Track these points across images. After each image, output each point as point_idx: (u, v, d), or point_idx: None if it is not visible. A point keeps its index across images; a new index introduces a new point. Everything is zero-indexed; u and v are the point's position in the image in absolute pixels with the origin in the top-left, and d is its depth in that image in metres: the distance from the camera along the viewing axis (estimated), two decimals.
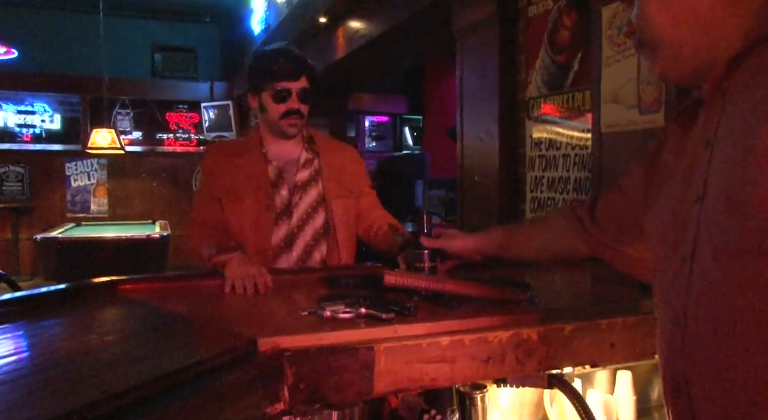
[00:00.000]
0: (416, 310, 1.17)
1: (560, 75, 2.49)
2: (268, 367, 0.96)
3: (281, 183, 1.87)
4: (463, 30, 3.07)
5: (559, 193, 2.50)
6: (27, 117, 8.39)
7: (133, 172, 8.76)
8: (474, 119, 3.01)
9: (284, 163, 1.90)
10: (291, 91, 1.82)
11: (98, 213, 8.51)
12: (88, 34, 7.62)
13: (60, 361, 0.93)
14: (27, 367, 0.93)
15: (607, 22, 2.13)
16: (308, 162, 1.91)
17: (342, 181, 1.90)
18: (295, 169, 1.90)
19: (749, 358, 0.67)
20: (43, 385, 0.83)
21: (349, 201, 1.91)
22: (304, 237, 1.86)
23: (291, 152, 1.91)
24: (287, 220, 1.85)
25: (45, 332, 1.14)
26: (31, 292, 1.29)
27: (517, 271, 1.72)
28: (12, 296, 1.27)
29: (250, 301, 1.44)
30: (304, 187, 1.89)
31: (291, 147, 1.91)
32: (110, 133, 6.32)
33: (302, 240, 1.86)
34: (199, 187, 1.99)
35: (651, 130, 1.95)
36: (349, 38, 4.72)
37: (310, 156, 1.92)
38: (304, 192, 1.88)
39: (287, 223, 1.85)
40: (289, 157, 1.91)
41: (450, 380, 1.09)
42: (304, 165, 1.91)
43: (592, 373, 1.60)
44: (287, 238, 1.85)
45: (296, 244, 1.86)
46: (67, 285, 1.37)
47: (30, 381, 0.84)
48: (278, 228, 1.85)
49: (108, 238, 5.84)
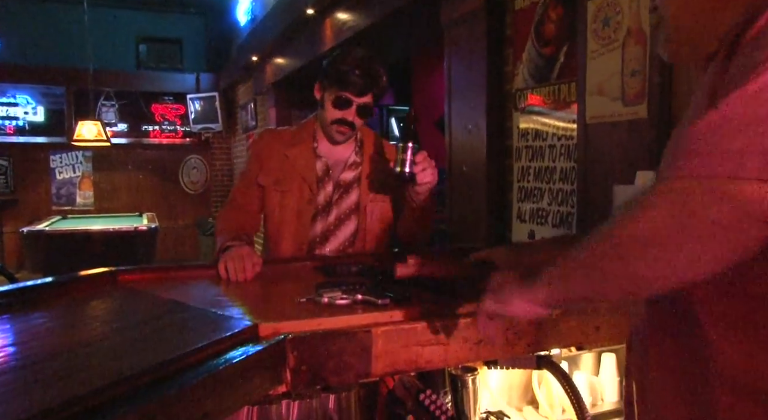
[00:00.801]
0: (410, 297, 1.22)
1: (546, 67, 2.54)
2: (271, 351, 1.00)
3: (327, 180, 1.91)
4: (451, 22, 3.10)
5: (545, 183, 2.56)
6: (10, 109, 8.31)
7: (119, 165, 8.72)
8: (462, 111, 3.05)
9: (333, 161, 1.92)
10: (352, 103, 1.82)
11: (84, 206, 8.47)
12: (73, 25, 7.55)
13: (63, 350, 0.97)
14: (34, 355, 0.96)
15: (592, 16, 2.18)
16: (355, 165, 1.93)
17: (382, 187, 1.90)
18: (342, 168, 1.92)
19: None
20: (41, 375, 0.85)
21: (385, 206, 1.92)
22: (339, 236, 1.90)
23: (341, 152, 1.93)
24: (326, 217, 1.90)
25: (46, 323, 1.17)
26: (32, 282, 1.32)
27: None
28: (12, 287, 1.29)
29: (251, 289, 1.48)
30: (346, 187, 1.92)
31: (342, 147, 1.93)
32: (96, 126, 6.29)
33: (336, 239, 1.90)
34: (246, 169, 1.99)
35: (634, 121, 2.00)
36: (336, 30, 4.74)
37: (358, 159, 1.94)
38: (345, 192, 1.91)
39: (325, 220, 1.90)
40: (338, 156, 1.93)
41: (444, 362, 1.14)
42: (350, 166, 1.93)
43: (578, 356, 1.66)
44: (323, 233, 1.90)
45: (330, 241, 1.90)
46: (68, 276, 1.39)
47: (37, 369, 0.88)
48: (316, 223, 1.89)
49: (95, 230, 5.83)
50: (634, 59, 2.00)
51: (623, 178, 2.00)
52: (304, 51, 5.51)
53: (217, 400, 0.89)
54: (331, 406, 1.29)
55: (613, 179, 2.04)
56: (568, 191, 2.42)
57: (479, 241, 2.87)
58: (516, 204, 2.77)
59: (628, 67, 2.03)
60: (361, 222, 1.89)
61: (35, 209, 8.14)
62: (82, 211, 8.27)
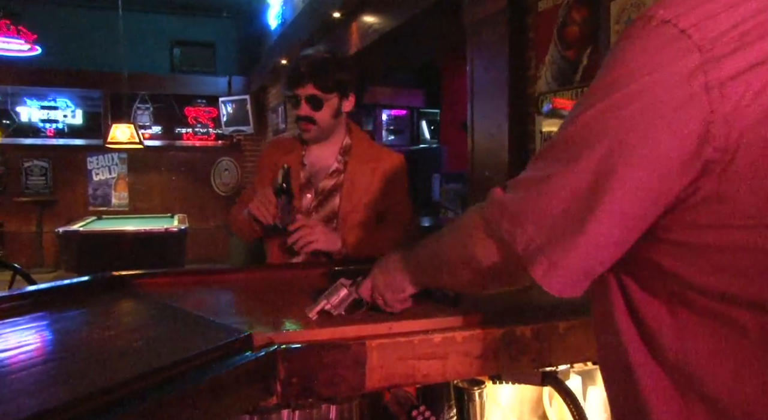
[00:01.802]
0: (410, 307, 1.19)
1: (570, 70, 2.48)
2: (261, 361, 0.98)
3: (308, 188, 1.92)
4: (473, 25, 3.06)
5: None
6: (50, 112, 8.57)
7: (152, 166, 8.89)
8: (484, 114, 3.00)
9: (317, 169, 1.93)
10: (299, 98, 1.83)
11: (119, 206, 8.67)
12: (109, 30, 7.74)
13: (62, 354, 0.97)
14: (28, 359, 0.96)
15: (615, 16, 2.12)
16: (336, 172, 1.92)
17: (364, 195, 1.89)
18: (323, 176, 1.92)
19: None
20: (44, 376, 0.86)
21: (367, 214, 1.90)
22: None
23: (325, 159, 1.94)
24: None
25: (51, 325, 1.17)
26: (36, 287, 1.33)
27: None
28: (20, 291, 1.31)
29: (255, 297, 1.47)
30: (326, 195, 1.92)
31: (326, 154, 1.93)
32: (129, 128, 6.42)
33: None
34: (255, 176, 2.15)
35: None
36: (362, 33, 4.73)
37: (339, 166, 1.93)
38: (325, 200, 1.91)
39: None
40: (321, 163, 1.94)
41: (442, 376, 1.10)
42: (331, 174, 1.92)
43: (594, 370, 1.60)
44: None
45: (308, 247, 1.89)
46: (73, 280, 1.40)
47: (30, 373, 0.88)
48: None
49: (127, 231, 5.94)
50: None
51: None
52: None
53: (202, 411, 0.87)
54: (332, 416, 1.27)
55: None
56: None
57: None
58: None
59: None
60: (340, 230, 1.87)
61: (73, 210, 8.36)
62: (117, 212, 8.46)
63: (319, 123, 1.85)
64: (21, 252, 8.08)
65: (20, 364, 0.93)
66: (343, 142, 1.94)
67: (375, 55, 5.15)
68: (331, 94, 1.83)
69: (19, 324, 1.15)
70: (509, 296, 1.46)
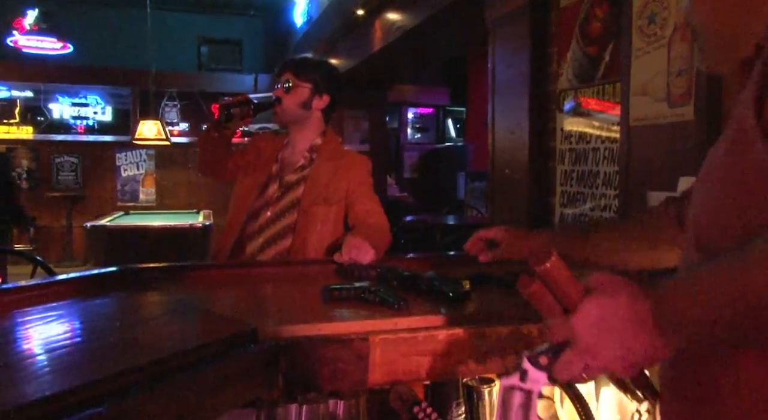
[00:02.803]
0: (408, 304, 1.18)
1: (591, 67, 2.43)
2: (264, 355, 0.99)
3: (274, 181, 2.04)
4: (495, 21, 3.03)
5: (588, 188, 2.46)
6: (81, 109, 8.73)
7: (179, 163, 9.01)
8: (505, 112, 2.97)
9: (286, 164, 2.07)
10: (277, 84, 2.03)
11: (147, 202, 8.80)
12: (137, 29, 7.85)
13: (71, 344, 0.98)
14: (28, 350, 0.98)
15: (637, 12, 2.07)
16: (301, 168, 2.04)
17: (324, 189, 1.99)
18: (290, 171, 2.05)
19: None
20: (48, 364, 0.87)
21: (327, 209, 1.99)
22: (270, 231, 1.99)
23: (295, 156, 2.07)
24: (265, 213, 2.01)
25: (63, 317, 1.20)
26: (47, 280, 1.36)
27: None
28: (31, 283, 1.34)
29: (259, 292, 1.48)
30: (287, 188, 2.02)
31: (297, 152, 2.07)
32: (156, 125, 6.51)
33: (268, 232, 1.99)
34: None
35: (679, 124, 1.89)
36: (386, 30, 4.72)
37: (305, 163, 2.05)
38: (287, 192, 2.01)
39: (264, 216, 2.01)
40: (291, 159, 2.07)
41: (446, 373, 1.10)
42: (297, 169, 2.04)
43: None
44: (260, 227, 2.00)
45: (262, 234, 2.00)
46: (84, 273, 1.43)
47: (35, 361, 0.89)
48: (257, 218, 2.01)
49: (153, 226, 6.03)
50: (680, 57, 1.88)
51: (666, 184, 1.89)
52: (354, 51, 5.53)
53: (201, 402, 0.88)
54: (340, 412, 1.27)
55: (656, 185, 1.93)
56: (611, 196, 2.31)
57: None
58: (558, 209, 2.68)
59: (674, 66, 1.91)
60: (301, 220, 1.95)
61: (101, 205, 8.52)
62: (145, 208, 8.60)
63: (285, 105, 2.01)
64: (51, 246, 8.26)
65: (31, 351, 0.95)
66: (313, 142, 2.06)
67: (399, 53, 5.13)
68: (302, 82, 2.00)
69: (34, 313, 1.18)
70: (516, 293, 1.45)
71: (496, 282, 1.44)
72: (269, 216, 1.99)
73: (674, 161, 1.91)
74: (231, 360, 0.94)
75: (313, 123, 2.05)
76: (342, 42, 5.68)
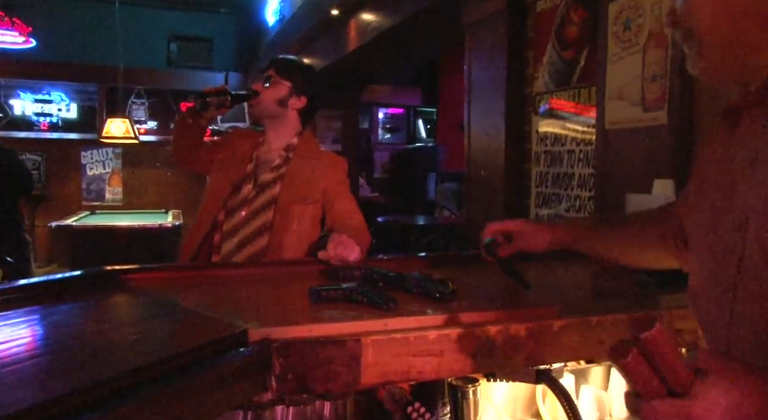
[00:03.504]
0: (397, 304, 1.19)
1: (567, 71, 2.48)
2: (256, 357, 0.98)
3: (249, 180, 2.02)
4: (472, 24, 3.06)
5: (563, 189, 2.50)
6: (44, 106, 8.50)
7: (147, 162, 8.85)
8: (481, 114, 3.01)
9: (261, 163, 2.06)
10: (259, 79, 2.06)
11: (113, 201, 8.62)
12: (105, 24, 7.69)
13: (56, 347, 0.96)
14: (25, 352, 0.96)
15: (613, 18, 2.12)
16: (277, 166, 2.04)
17: (301, 188, 1.99)
18: (265, 170, 2.04)
19: None
20: (37, 369, 0.85)
21: (304, 208, 1.99)
22: (245, 230, 1.98)
23: (270, 155, 2.07)
24: (240, 212, 1.99)
25: (44, 319, 1.17)
26: (32, 280, 1.33)
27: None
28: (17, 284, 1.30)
29: (249, 293, 1.47)
30: (263, 187, 2.01)
31: (273, 151, 2.07)
32: (125, 123, 6.39)
33: (243, 232, 1.98)
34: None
35: (654, 128, 1.94)
36: (361, 31, 4.73)
37: (280, 162, 2.04)
38: (262, 192, 2.01)
39: (239, 215, 1.99)
40: (266, 158, 2.06)
41: (437, 373, 1.11)
42: (272, 169, 2.03)
43: (587, 369, 1.61)
44: (234, 227, 1.99)
45: (237, 234, 1.99)
46: (67, 274, 1.40)
47: (25, 365, 0.87)
48: (232, 218, 2.00)
49: (121, 226, 5.92)
50: (655, 63, 1.93)
51: (641, 186, 1.94)
52: (329, 51, 5.52)
53: (196, 405, 0.87)
54: (326, 413, 1.27)
55: (631, 187, 1.98)
56: (585, 198, 2.36)
57: None
58: (534, 210, 2.72)
59: (648, 72, 1.96)
60: (278, 219, 1.96)
61: (66, 204, 8.31)
62: (111, 207, 8.42)
63: (262, 99, 2.02)
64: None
65: (13, 357, 0.93)
66: (289, 141, 2.06)
67: (373, 54, 5.14)
68: (282, 78, 2.02)
69: (10, 317, 1.15)
70: (503, 294, 1.47)
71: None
72: (244, 215, 1.98)
73: (649, 164, 1.96)
74: (224, 362, 0.93)
75: (289, 122, 2.06)
76: (317, 41, 5.66)
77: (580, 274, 1.80)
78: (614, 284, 1.59)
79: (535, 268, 1.77)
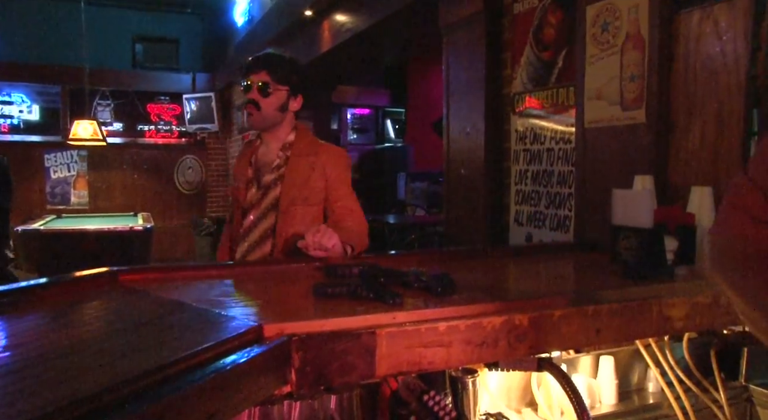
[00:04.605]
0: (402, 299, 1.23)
1: (545, 71, 2.56)
2: (276, 351, 1.01)
3: (254, 183, 2.04)
4: (449, 26, 3.12)
5: (542, 187, 2.58)
6: (4, 107, 8.26)
7: (114, 164, 8.68)
8: (460, 114, 3.07)
9: (262, 164, 2.05)
10: (251, 85, 1.96)
11: (79, 205, 8.43)
12: (69, 24, 7.52)
13: (67, 351, 0.97)
14: (36, 356, 0.96)
15: (591, 20, 2.20)
16: (277, 167, 2.02)
17: (301, 188, 1.98)
18: (267, 171, 2.03)
19: None
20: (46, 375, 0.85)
21: (305, 209, 1.98)
22: (254, 234, 1.99)
23: (269, 155, 2.05)
24: (248, 216, 2.01)
25: (50, 323, 1.17)
26: (32, 282, 1.32)
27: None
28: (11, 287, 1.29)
29: (251, 290, 1.49)
30: (266, 189, 2.01)
31: (272, 151, 2.05)
32: (92, 125, 6.27)
33: (252, 236, 2.00)
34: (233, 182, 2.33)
35: (633, 126, 2.02)
36: (334, 32, 4.75)
37: (280, 162, 2.02)
38: (266, 194, 2.01)
39: (248, 219, 2.01)
40: (266, 159, 2.05)
41: (446, 363, 1.15)
42: (273, 169, 2.02)
43: (577, 359, 1.67)
44: (244, 232, 2.01)
45: (247, 239, 2.00)
46: (68, 276, 1.39)
47: (57, 363, 0.88)
48: (243, 222, 2.02)
49: (91, 230, 5.80)
50: (632, 64, 2.02)
51: (621, 182, 2.02)
52: (301, 52, 5.51)
53: (224, 400, 0.89)
54: (332, 406, 1.30)
55: (611, 183, 2.06)
56: (565, 194, 2.44)
57: (476, 244, 2.89)
58: (513, 207, 2.79)
59: (626, 72, 2.04)
60: (280, 222, 1.96)
61: (29, 208, 8.08)
62: (77, 211, 8.23)
63: (263, 110, 1.96)
64: None
65: (24, 361, 0.93)
66: (286, 140, 2.04)
67: (345, 55, 5.16)
68: (281, 85, 1.96)
69: (19, 319, 1.14)
70: (500, 287, 1.52)
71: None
72: (252, 220, 1.99)
73: (628, 161, 2.04)
74: (248, 357, 0.95)
75: (287, 122, 2.04)
76: (289, 42, 5.65)
77: (566, 268, 1.87)
78: (602, 276, 1.66)
79: (524, 263, 1.83)
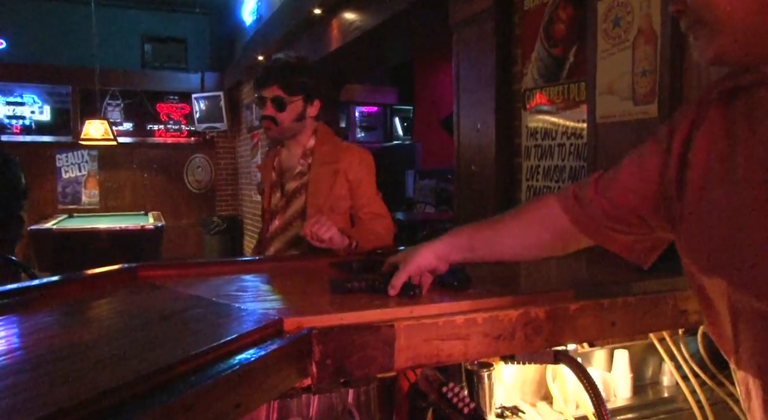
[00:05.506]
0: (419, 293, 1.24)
1: (556, 67, 2.56)
2: (298, 344, 1.02)
3: (276, 189, 2.04)
4: (459, 22, 3.12)
5: (554, 182, 2.58)
6: (16, 108, 8.33)
7: (124, 164, 8.74)
8: (470, 110, 3.07)
9: (285, 169, 2.05)
10: (264, 99, 1.94)
11: (89, 204, 8.50)
12: (78, 25, 7.58)
13: (96, 343, 0.99)
14: (68, 348, 0.98)
15: (602, 15, 2.20)
16: (300, 174, 2.01)
17: (327, 197, 1.96)
18: (290, 177, 2.02)
19: None
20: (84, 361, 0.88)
21: (333, 218, 1.93)
22: (281, 241, 2.00)
23: (291, 161, 2.05)
24: (274, 221, 2.02)
25: (76, 317, 1.19)
26: (53, 279, 1.34)
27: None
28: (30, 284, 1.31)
29: (267, 285, 1.51)
30: (290, 196, 2.01)
31: (293, 156, 2.04)
32: (103, 125, 6.32)
33: (278, 242, 2.01)
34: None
35: (645, 121, 2.02)
36: (343, 30, 4.76)
37: (303, 169, 2.01)
38: (290, 201, 2.01)
39: (274, 224, 2.02)
40: (288, 164, 2.05)
41: (464, 356, 1.16)
42: (295, 176, 2.01)
43: (591, 352, 1.68)
44: (270, 237, 2.02)
45: (274, 244, 2.01)
46: (87, 272, 1.42)
47: (87, 353, 0.90)
48: (271, 225, 2.03)
49: (103, 229, 5.86)
50: (644, 59, 2.02)
51: None
52: (309, 51, 5.53)
53: (250, 391, 0.91)
54: (350, 399, 1.31)
55: None
56: None
57: None
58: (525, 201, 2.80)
59: (638, 67, 2.05)
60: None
61: (41, 208, 8.16)
62: (88, 210, 8.30)
63: (281, 124, 1.95)
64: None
65: (57, 352, 0.95)
66: (307, 145, 2.02)
67: (353, 53, 5.18)
68: (294, 96, 1.93)
69: (45, 314, 1.17)
70: (515, 280, 1.53)
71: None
72: (278, 225, 1.99)
73: None
74: (271, 349, 0.97)
75: (307, 129, 2.01)
76: (297, 41, 5.67)
77: (579, 262, 1.88)
78: (616, 269, 1.67)
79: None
